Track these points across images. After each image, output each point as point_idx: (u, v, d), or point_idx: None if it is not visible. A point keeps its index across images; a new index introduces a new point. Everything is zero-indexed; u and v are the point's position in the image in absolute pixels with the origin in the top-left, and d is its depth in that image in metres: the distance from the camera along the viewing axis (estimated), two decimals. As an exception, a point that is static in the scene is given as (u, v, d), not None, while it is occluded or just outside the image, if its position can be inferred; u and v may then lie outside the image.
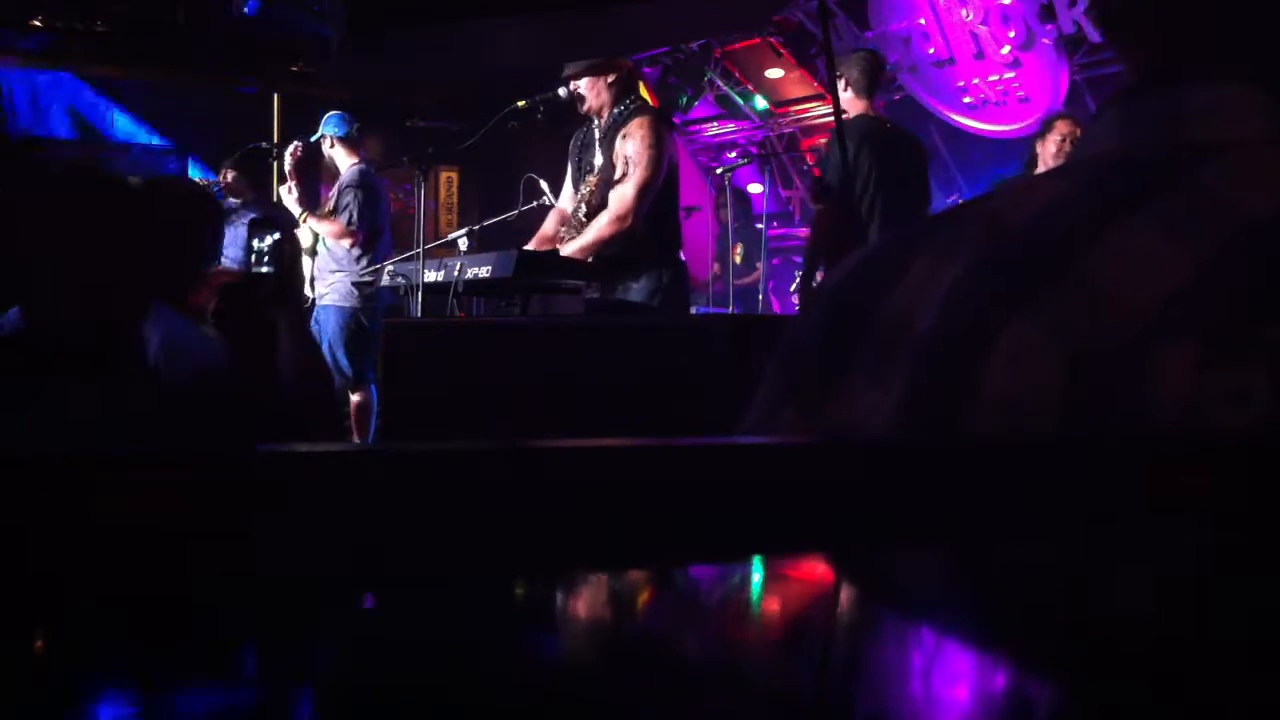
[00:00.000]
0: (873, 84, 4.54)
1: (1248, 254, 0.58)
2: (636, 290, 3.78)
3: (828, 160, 4.36)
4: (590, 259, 3.77)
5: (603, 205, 3.81)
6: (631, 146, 3.75)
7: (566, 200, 4.12)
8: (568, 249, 3.80)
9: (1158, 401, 0.56)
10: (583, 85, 3.87)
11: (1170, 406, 0.55)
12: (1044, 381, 0.59)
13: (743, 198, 8.66)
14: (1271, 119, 0.64)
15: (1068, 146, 4.72)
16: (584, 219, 3.87)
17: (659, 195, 3.77)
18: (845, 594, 0.39)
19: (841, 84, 4.48)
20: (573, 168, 4.10)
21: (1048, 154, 4.80)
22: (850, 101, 4.44)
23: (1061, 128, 4.82)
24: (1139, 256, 0.59)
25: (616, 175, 3.77)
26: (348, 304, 5.52)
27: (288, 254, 1.95)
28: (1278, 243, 0.58)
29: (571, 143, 4.12)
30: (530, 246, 4.00)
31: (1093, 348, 0.58)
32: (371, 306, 5.52)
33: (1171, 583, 0.39)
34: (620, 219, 3.72)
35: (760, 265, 7.70)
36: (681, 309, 3.98)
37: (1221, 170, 0.61)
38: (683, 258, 4.12)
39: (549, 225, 4.13)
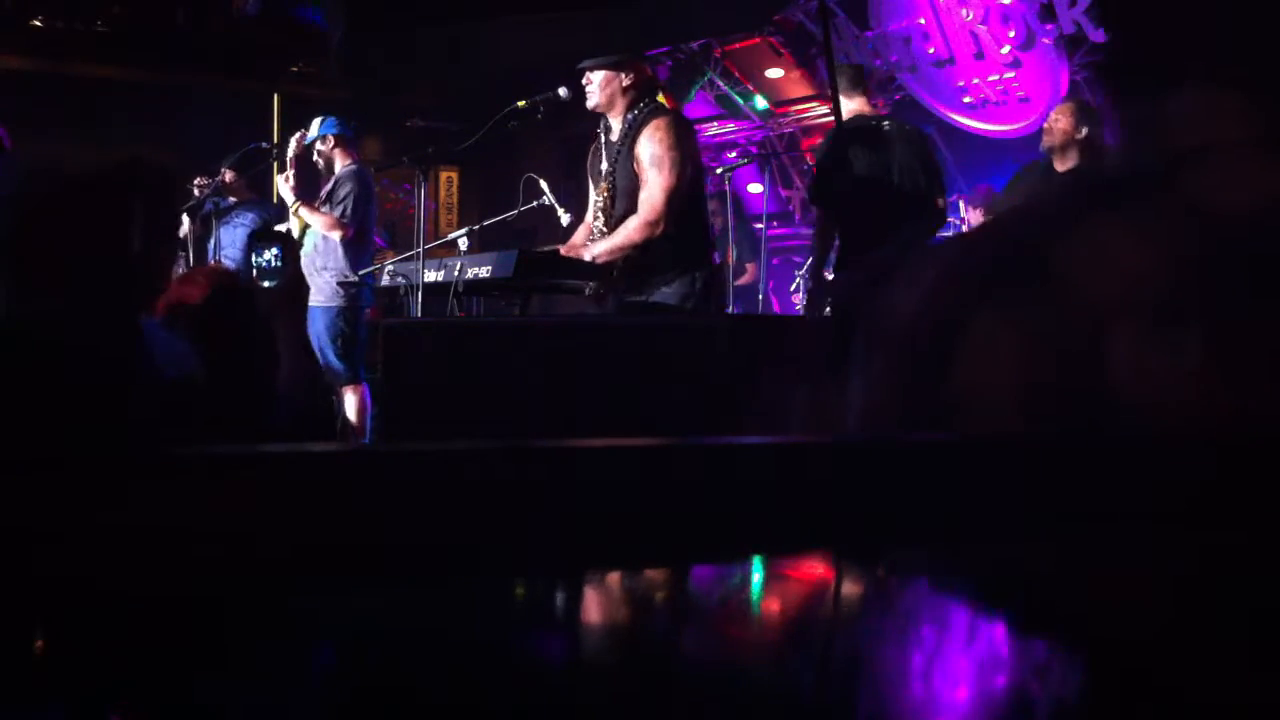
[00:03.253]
0: (859, 83, 4.61)
1: (1209, 243, 0.62)
2: (669, 294, 3.72)
3: (822, 161, 4.41)
4: (618, 262, 3.71)
5: (625, 212, 3.75)
6: (652, 149, 3.68)
7: (591, 212, 4.06)
8: (594, 250, 3.74)
9: (1111, 369, 0.60)
10: (596, 79, 3.79)
11: (1121, 371, 0.60)
12: (1008, 364, 0.64)
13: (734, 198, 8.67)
14: (1248, 121, 0.69)
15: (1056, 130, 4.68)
16: (603, 228, 3.82)
17: (686, 197, 3.70)
18: (845, 593, 0.39)
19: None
20: (591, 179, 4.03)
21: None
22: (844, 102, 4.51)
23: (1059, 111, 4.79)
24: (1104, 251, 0.64)
25: (641, 180, 3.70)
26: (334, 304, 5.52)
27: (290, 266, 1.94)
28: (1240, 235, 0.62)
29: (589, 157, 4.05)
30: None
31: (1054, 332, 0.63)
32: (356, 306, 5.53)
33: (1171, 583, 0.39)
34: (651, 224, 3.65)
35: (750, 265, 7.70)
36: (715, 313, 3.90)
37: (1197, 173, 0.66)
38: (716, 260, 4.06)
39: (578, 236, 4.06)
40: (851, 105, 4.54)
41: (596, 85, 3.79)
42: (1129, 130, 0.73)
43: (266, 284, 1.84)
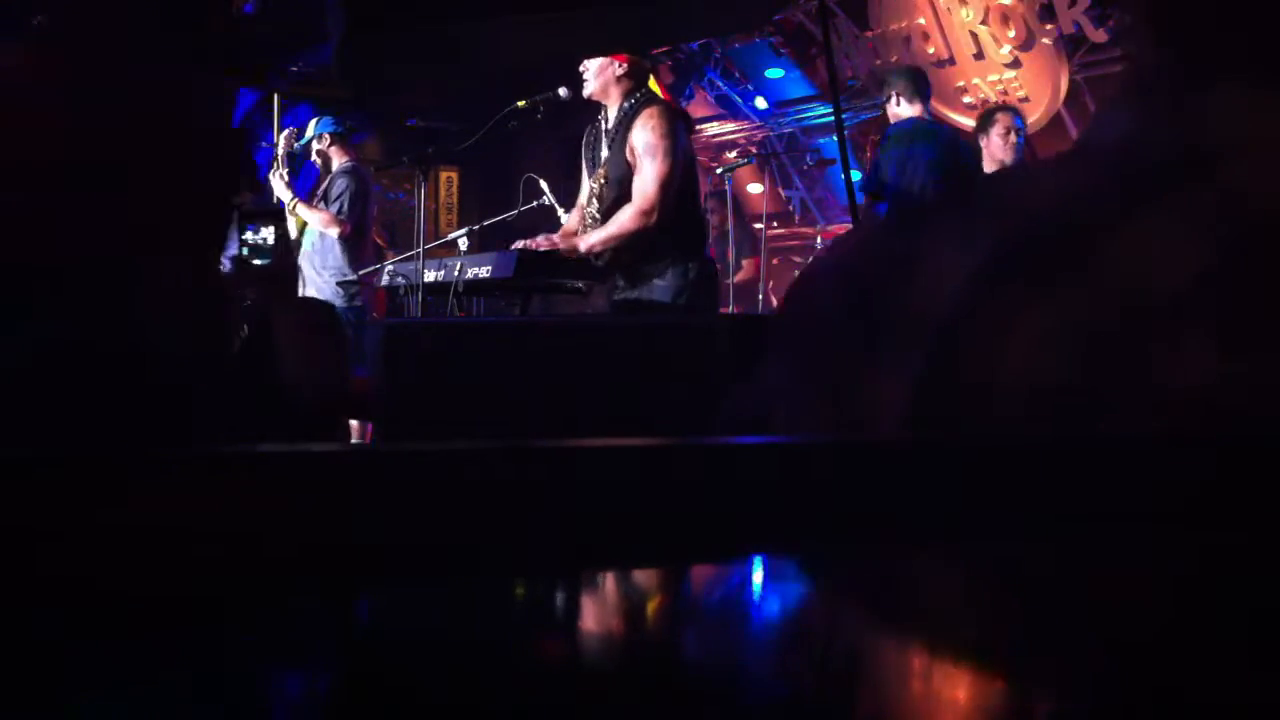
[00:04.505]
0: (920, 90, 4.69)
1: (1244, 244, 0.62)
2: (661, 289, 3.71)
3: (880, 159, 4.48)
4: (609, 253, 3.71)
5: (616, 199, 3.75)
6: (644, 138, 3.68)
7: (585, 197, 4.07)
8: (589, 240, 3.74)
9: (1162, 367, 0.60)
10: (592, 67, 3.81)
11: (1172, 370, 0.60)
12: (1060, 366, 0.62)
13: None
14: None
15: (1013, 138, 4.79)
16: (596, 214, 3.82)
17: (679, 190, 3.70)
18: (845, 594, 0.39)
19: (894, 98, 4.64)
20: (586, 165, 4.05)
21: (994, 147, 4.85)
22: (905, 108, 4.61)
23: (1003, 120, 4.89)
24: (1153, 247, 0.63)
25: (634, 169, 3.70)
26: (334, 304, 5.50)
27: (281, 245, 1.92)
28: (1268, 233, 0.62)
29: (583, 141, 4.07)
30: (557, 239, 3.93)
31: (1107, 333, 0.62)
32: (355, 307, 5.52)
33: (1171, 583, 0.39)
34: (645, 213, 3.65)
35: (747, 261, 7.70)
36: (710, 307, 3.90)
37: (1238, 168, 0.65)
38: (710, 254, 4.06)
39: (571, 221, 4.07)
40: (913, 110, 4.63)
41: (592, 72, 3.81)
42: (1162, 119, 0.72)
43: (258, 262, 1.81)
